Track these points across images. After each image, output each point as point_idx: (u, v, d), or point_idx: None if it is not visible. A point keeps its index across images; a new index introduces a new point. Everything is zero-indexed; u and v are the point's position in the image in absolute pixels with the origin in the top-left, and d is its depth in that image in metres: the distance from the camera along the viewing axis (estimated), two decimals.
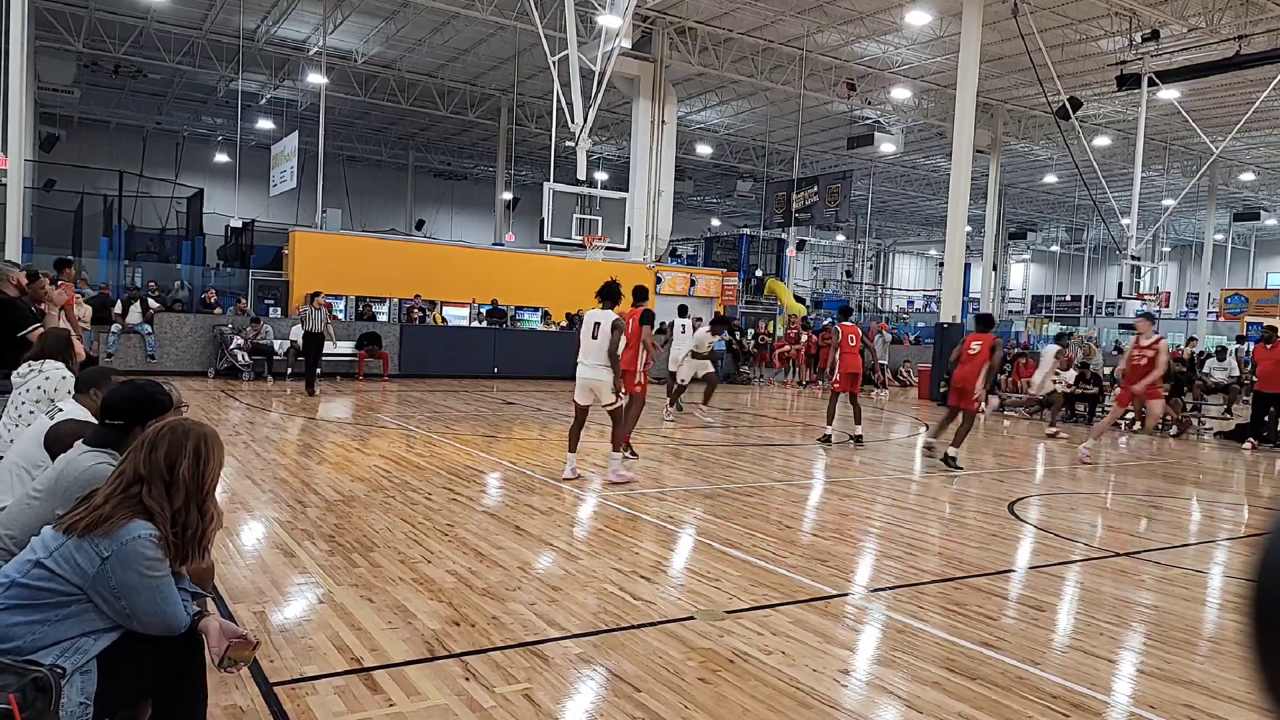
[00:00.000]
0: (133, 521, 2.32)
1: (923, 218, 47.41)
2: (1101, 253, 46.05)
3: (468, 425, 11.38)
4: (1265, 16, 18.35)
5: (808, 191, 29.50)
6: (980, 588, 5.17)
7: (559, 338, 19.85)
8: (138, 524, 2.32)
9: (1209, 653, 4.27)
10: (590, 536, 6.07)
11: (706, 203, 45.88)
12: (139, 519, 2.33)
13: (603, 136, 30.83)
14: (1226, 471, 11.03)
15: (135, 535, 2.30)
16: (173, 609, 2.35)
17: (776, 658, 3.87)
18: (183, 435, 2.46)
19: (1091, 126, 26.45)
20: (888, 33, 21.62)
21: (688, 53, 22.57)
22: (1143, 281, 23.19)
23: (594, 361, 7.68)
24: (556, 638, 4.00)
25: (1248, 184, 34.80)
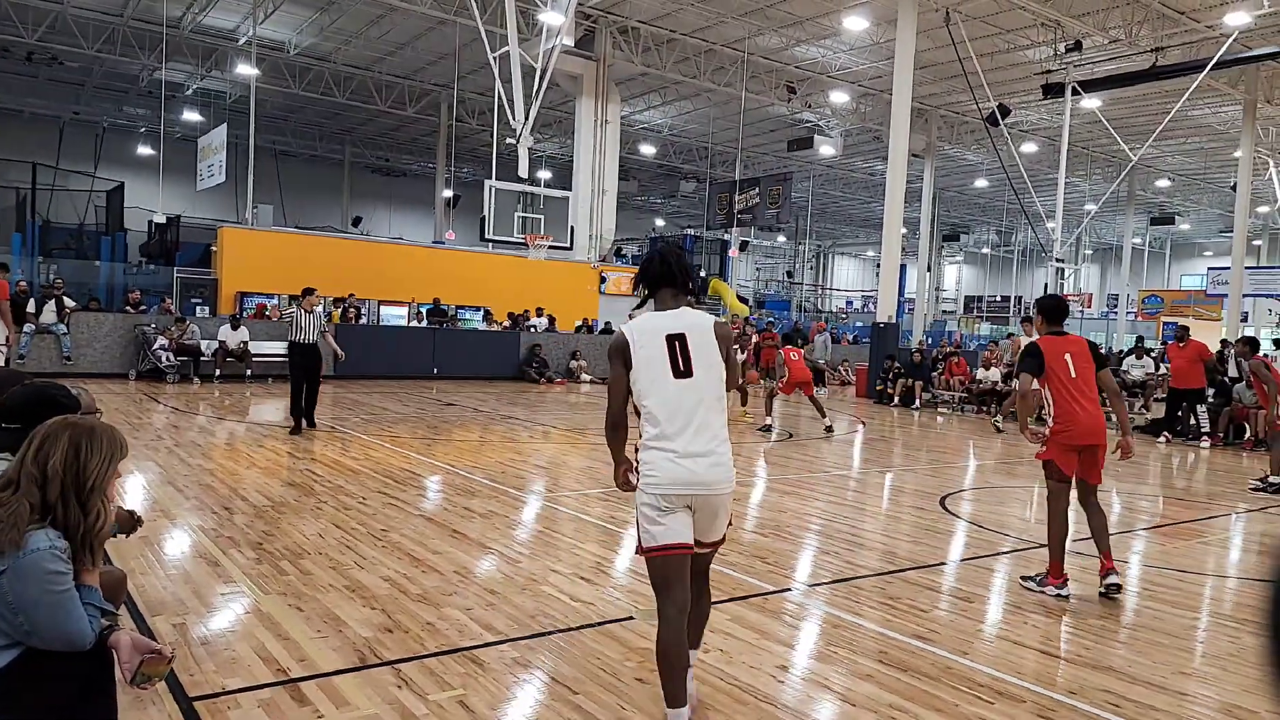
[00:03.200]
0: (35, 533, 2.19)
1: (861, 220, 48.29)
2: (1029, 255, 47.50)
3: (406, 427, 11.18)
4: (1180, 30, 19.15)
5: (749, 193, 29.78)
6: (913, 581, 5.27)
7: (501, 337, 19.68)
8: (39, 536, 2.20)
9: (1127, 639, 4.42)
10: (531, 539, 6.01)
11: (651, 203, 45.98)
12: (42, 530, 2.21)
13: (545, 134, 30.65)
14: (1143, 465, 11.46)
15: (36, 548, 2.18)
16: (76, 625, 2.23)
17: (714, 655, 3.88)
18: (59, 430, 2.34)
19: (1019, 133, 27.25)
20: (827, 37, 21.96)
21: (630, 52, 22.58)
22: (1067, 283, 23.99)
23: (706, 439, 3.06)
24: (493, 642, 3.94)
25: (1163, 190, 36.28)
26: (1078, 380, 4.99)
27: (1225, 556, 6.74)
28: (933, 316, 41.97)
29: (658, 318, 3.14)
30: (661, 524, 3.03)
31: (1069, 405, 4.95)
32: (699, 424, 3.02)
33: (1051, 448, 5.04)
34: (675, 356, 3.04)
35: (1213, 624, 4.87)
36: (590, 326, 22.01)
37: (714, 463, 3.04)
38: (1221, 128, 26.66)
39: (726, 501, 3.15)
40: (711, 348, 3.09)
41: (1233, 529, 7.66)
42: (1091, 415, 4.98)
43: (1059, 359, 4.98)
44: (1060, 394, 4.97)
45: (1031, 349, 5.06)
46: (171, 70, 24.92)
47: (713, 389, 3.07)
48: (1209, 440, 13.60)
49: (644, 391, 3.07)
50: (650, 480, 3.03)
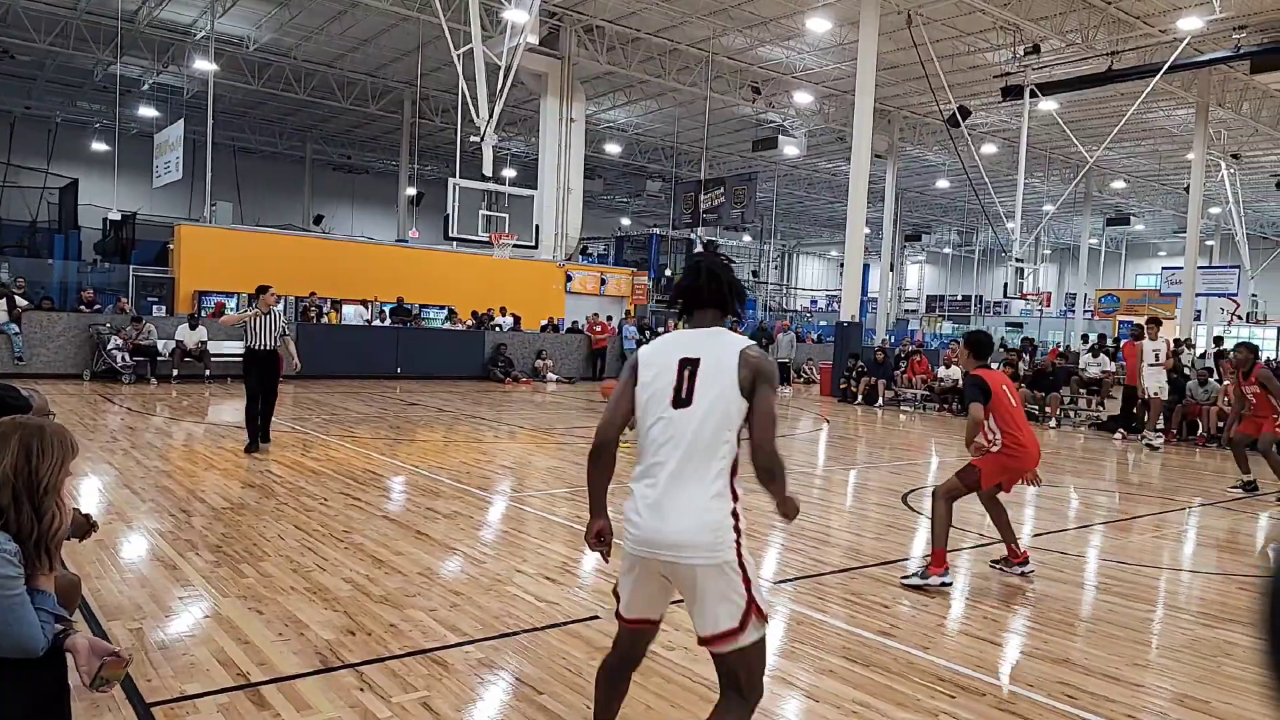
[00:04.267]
0: None
1: (825, 219, 48.67)
2: (990, 254, 48.27)
3: (368, 428, 11.06)
4: (1135, 34, 19.57)
5: (715, 192, 29.92)
6: (876, 577, 5.33)
7: (465, 337, 19.54)
8: None
9: (1084, 632, 4.51)
10: (496, 540, 5.98)
11: (617, 202, 45.94)
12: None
13: (510, 133, 30.47)
14: (1100, 460, 11.71)
15: None
16: (28, 629, 2.17)
17: (680, 653, 3.89)
18: (9, 431, 2.28)
19: (979, 134, 27.66)
20: (790, 38, 22.10)
21: (595, 51, 22.54)
22: (1026, 282, 24.40)
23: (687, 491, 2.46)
24: (457, 643, 3.92)
25: (1119, 191, 37.05)
26: (1018, 411, 5.26)
27: (1179, 550, 6.90)
28: (895, 315, 42.45)
29: (683, 335, 2.59)
30: (624, 586, 2.56)
31: (1017, 434, 5.16)
32: (680, 468, 2.41)
33: (992, 463, 5.17)
34: (681, 382, 2.45)
35: (1166, 616, 4.99)
36: (556, 326, 21.94)
37: (686, 524, 2.37)
38: (1175, 130, 27.29)
39: (710, 580, 2.38)
40: (728, 377, 2.42)
41: (1186, 523, 7.86)
42: (1036, 443, 5.30)
43: (999, 389, 5.17)
44: (1008, 423, 5.16)
45: (978, 381, 5.16)
46: (127, 65, 24.36)
47: (712, 427, 2.41)
48: (1163, 437, 13.91)
49: (640, 418, 2.54)
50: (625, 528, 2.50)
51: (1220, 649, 4.33)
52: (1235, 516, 8.13)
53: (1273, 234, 39.33)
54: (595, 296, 24.38)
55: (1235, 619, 4.88)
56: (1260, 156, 30.02)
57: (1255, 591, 5.25)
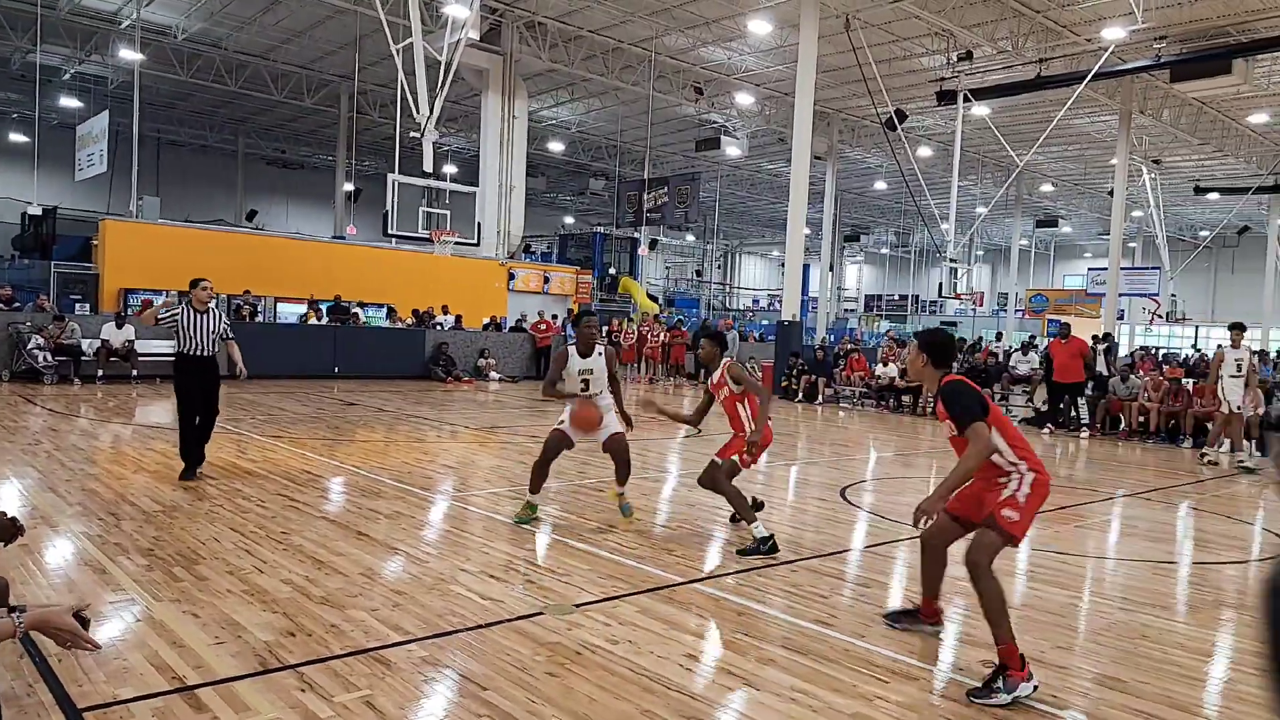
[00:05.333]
0: None
1: (767, 220, 49.25)
2: (925, 255, 49.45)
3: (306, 428, 10.85)
4: (1063, 43, 20.27)
5: (658, 191, 30.04)
6: (815, 569, 5.45)
7: (406, 335, 19.28)
8: None
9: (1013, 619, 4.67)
10: (439, 539, 5.94)
11: (560, 200, 45.78)
12: None
13: (451, 129, 30.14)
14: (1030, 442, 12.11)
15: None
16: None
17: (623, 647, 3.93)
18: None
19: (915, 137, 28.33)
20: (732, 39, 22.32)
21: (538, 48, 22.44)
22: (960, 282, 25.08)
23: None
24: (400, 642, 3.90)
25: (1048, 194, 38.31)
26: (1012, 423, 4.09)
27: (1103, 539, 7.20)
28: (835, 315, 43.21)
29: None
30: None
31: (1032, 456, 3.84)
32: None
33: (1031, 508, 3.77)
34: None
35: (1089, 602, 5.21)
36: (499, 324, 21.79)
37: None
38: (1100, 136, 28.33)
39: None
40: None
41: (1110, 513, 8.20)
42: None
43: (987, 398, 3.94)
44: (1017, 440, 3.84)
45: (965, 389, 3.84)
46: (47, 53, 23.41)
47: None
48: (1088, 431, 14.48)
49: None
50: None
51: (1138, 631, 4.55)
52: (1151, 507, 8.51)
53: (1191, 237, 41.11)
54: (539, 295, 24.29)
55: (1153, 603, 5.12)
56: (1179, 162, 31.37)
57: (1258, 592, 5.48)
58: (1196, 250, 36.44)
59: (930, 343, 4.03)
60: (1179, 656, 4.22)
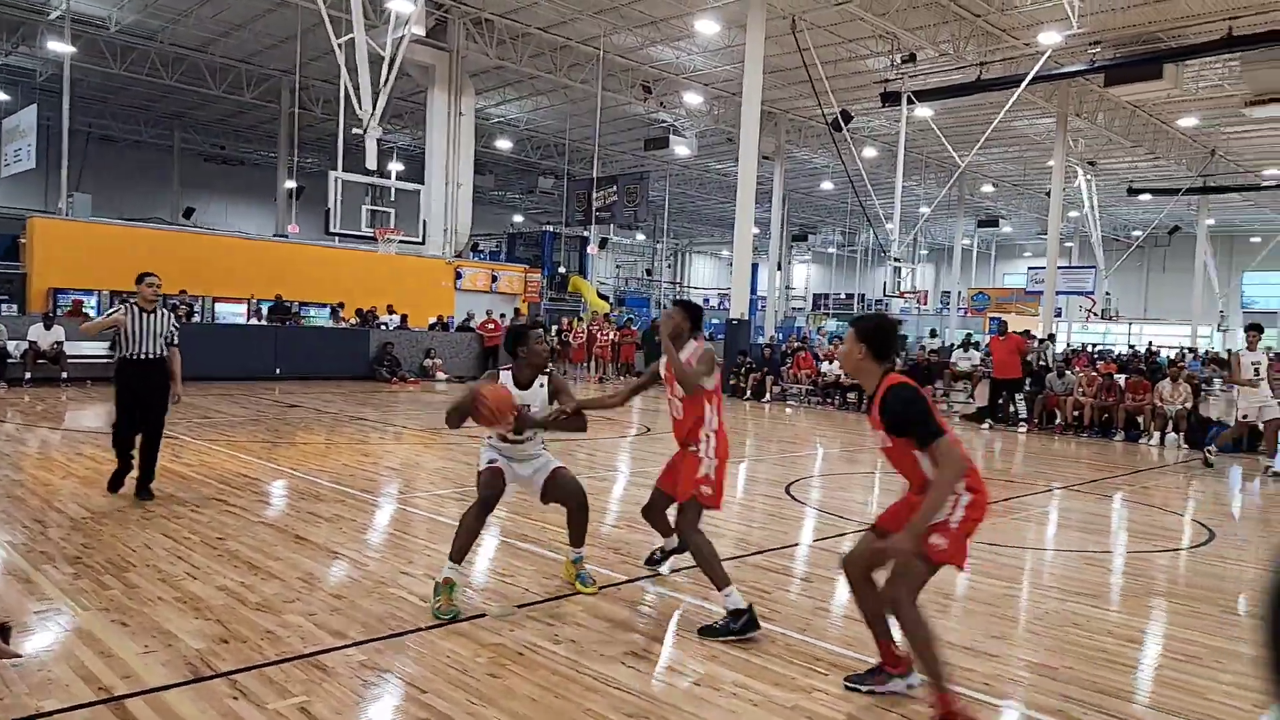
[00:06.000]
0: None
1: (716, 219, 49.54)
2: (871, 254, 50.24)
3: (244, 431, 10.60)
4: (1002, 46, 20.76)
5: (608, 190, 30.02)
6: (759, 565, 5.50)
7: (349, 335, 18.95)
8: None
9: (950, 609, 4.78)
10: (381, 542, 5.85)
11: (509, 198, 45.44)
12: None
13: (396, 125, 29.72)
14: (969, 449, 12.39)
15: None
16: None
17: (566, 647, 3.92)
18: None
19: (861, 138, 28.76)
20: (680, 39, 22.39)
21: (484, 44, 22.24)
22: (904, 281, 25.54)
23: None
24: (338, 646, 3.83)
25: (989, 195, 39.21)
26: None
27: (1038, 531, 7.40)
28: (783, 313, 43.65)
29: None
30: None
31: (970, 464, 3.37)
32: None
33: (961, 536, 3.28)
34: None
35: (1021, 591, 5.34)
36: (446, 324, 21.54)
37: None
38: (1038, 138, 29.07)
39: None
40: None
41: (1046, 505, 8.42)
42: None
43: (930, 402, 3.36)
44: None
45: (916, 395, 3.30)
46: None
47: None
48: (1025, 426, 14.86)
49: None
50: None
51: (1068, 620, 4.68)
52: (1085, 499, 8.76)
53: (1124, 236, 42.45)
54: (487, 294, 24.09)
55: (1085, 592, 5.27)
56: (1114, 164, 32.36)
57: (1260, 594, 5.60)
58: (1129, 250, 37.64)
59: (869, 331, 3.38)
60: (1108, 644, 4.34)
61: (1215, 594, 5.50)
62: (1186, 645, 4.40)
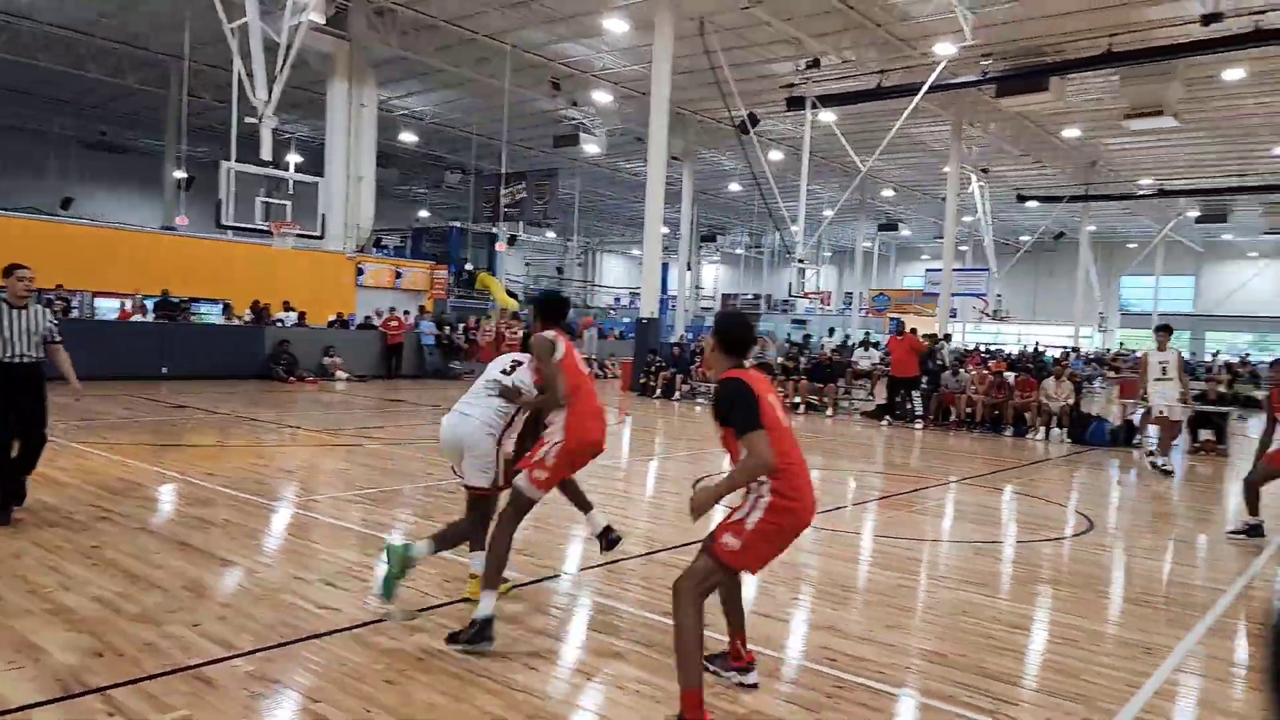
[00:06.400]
0: None
1: (627, 218, 49.68)
2: (777, 256, 51.28)
3: (127, 433, 10.03)
4: (901, 55, 21.47)
5: (516, 187, 29.67)
6: (667, 562, 5.51)
7: (242, 333, 18.17)
8: None
9: (848, 601, 4.90)
10: (275, 548, 5.62)
11: (414, 192, 44.44)
12: None
13: (295, 115, 28.65)
14: (869, 445, 12.78)
15: None
16: None
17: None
18: None
19: (767, 141, 29.30)
20: (590, 36, 22.31)
21: (387, 35, 21.66)
22: (808, 282, 26.16)
23: None
24: (224, 657, 3.65)
25: (889, 199, 40.58)
26: (790, 432, 3.37)
27: (933, 523, 7.67)
28: (693, 313, 44.10)
29: None
30: None
31: (792, 470, 3.27)
32: None
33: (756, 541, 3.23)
34: None
35: (915, 582, 5.52)
36: (346, 321, 20.89)
37: None
38: (935, 145, 30.21)
39: None
40: None
41: (941, 499, 8.74)
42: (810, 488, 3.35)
43: (766, 401, 3.30)
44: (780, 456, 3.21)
45: (742, 388, 3.27)
46: None
47: None
48: (922, 422, 15.42)
49: None
50: None
51: (959, 608, 4.86)
52: (977, 492, 9.14)
53: (1014, 241, 44.58)
54: (390, 290, 23.50)
55: (974, 581, 5.49)
56: (1005, 172, 33.92)
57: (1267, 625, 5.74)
58: (1019, 254, 39.55)
59: (720, 326, 3.50)
60: (996, 630, 4.53)
61: (1093, 580, 5.80)
62: (1066, 629, 4.63)
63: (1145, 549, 6.91)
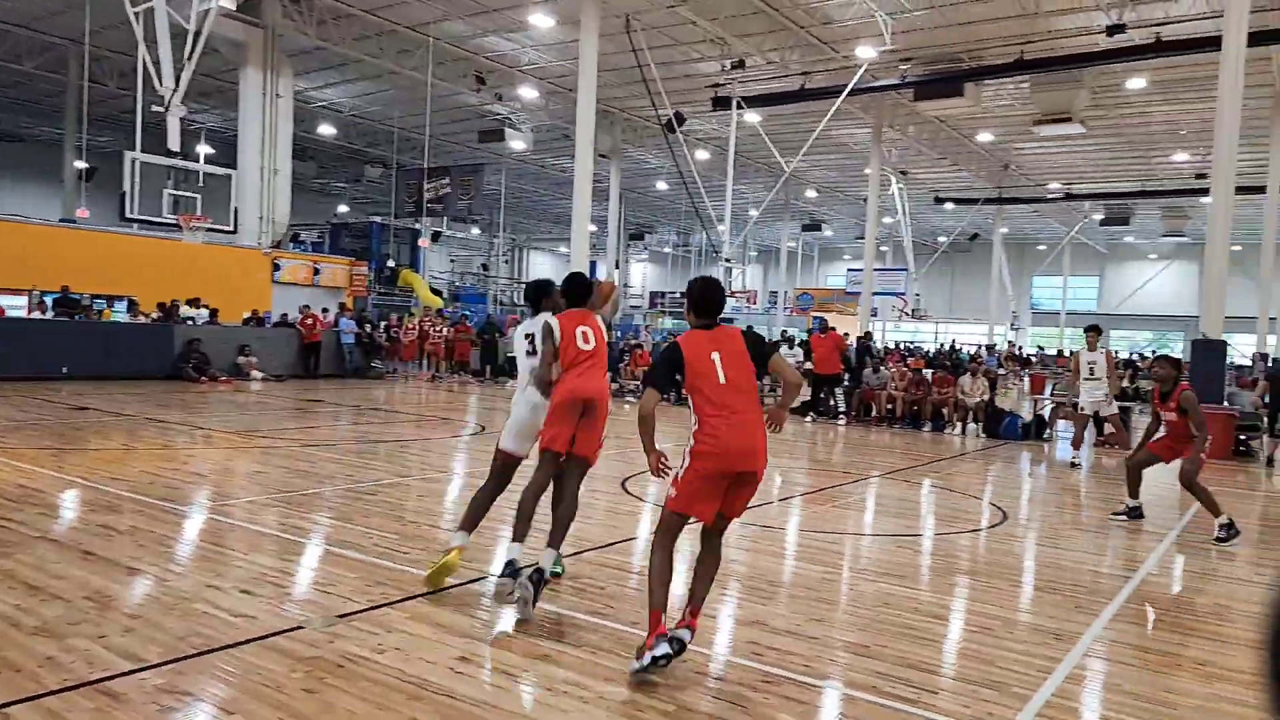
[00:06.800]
0: None
1: (555, 215, 49.36)
2: (704, 255, 51.73)
3: (22, 437, 9.48)
4: (824, 58, 21.89)
5: (440, 181, 29.21)
6: (593, 561, 5.50)
7: (150, 331, 17.38)
8: None
9: (771, 595, 4.96)
10: (186, 555, 5.37)
11: (333, 187, 43.28)
12: None
13: (205, 105, 27.56)
14: (792, 442, 12.98)
15: None
16: None
17: (390, 655, 3.74)
18: None
19: (694, 140, 29.50)
20: (515, 31, 22.09)
21: (303, 23, 21.03)
22: (735, 281, 26.44)
23: None
24: (132, 670, 3.47)
25: (813, 200, 41.36)
26: (728, 387, 3.81)
27: (858, 517, 7.83)
28: (622, 311, 44.13)
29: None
30: None
31: (713, 420, 3.80)
32: None
33: (686, 484, 3.88)
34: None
35: (840, 575, 5.63)
36: (261, 319, 20.18)
37: None
38: (856, 147, 30.91)
39: None
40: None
41: (863, 493, 8.93)
42: (747, 434, 3.80)
43: (704, 360, 3.83)
44: (704, 408, 3.83)
45: (668, 351, 3.94)
46: None
47: None
48: (845, 419, 15.76)
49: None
50: None
51: (881, 600, 4.97)
52: (898, 486, 9.38)
53: (932, 241, 45.95)
54: (308, 287, 22.84)
55: (894, 573, 5.62)
56: (923, 174, 34.92)
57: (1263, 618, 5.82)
58: (936, 255, 40.79)
59: (687, 289, 4.00)
60: (916, 620, 4.64)
61: (1007, 570, 6.01)
62: (982, 618, 4.78)
63: (1055, 539, 7.19)
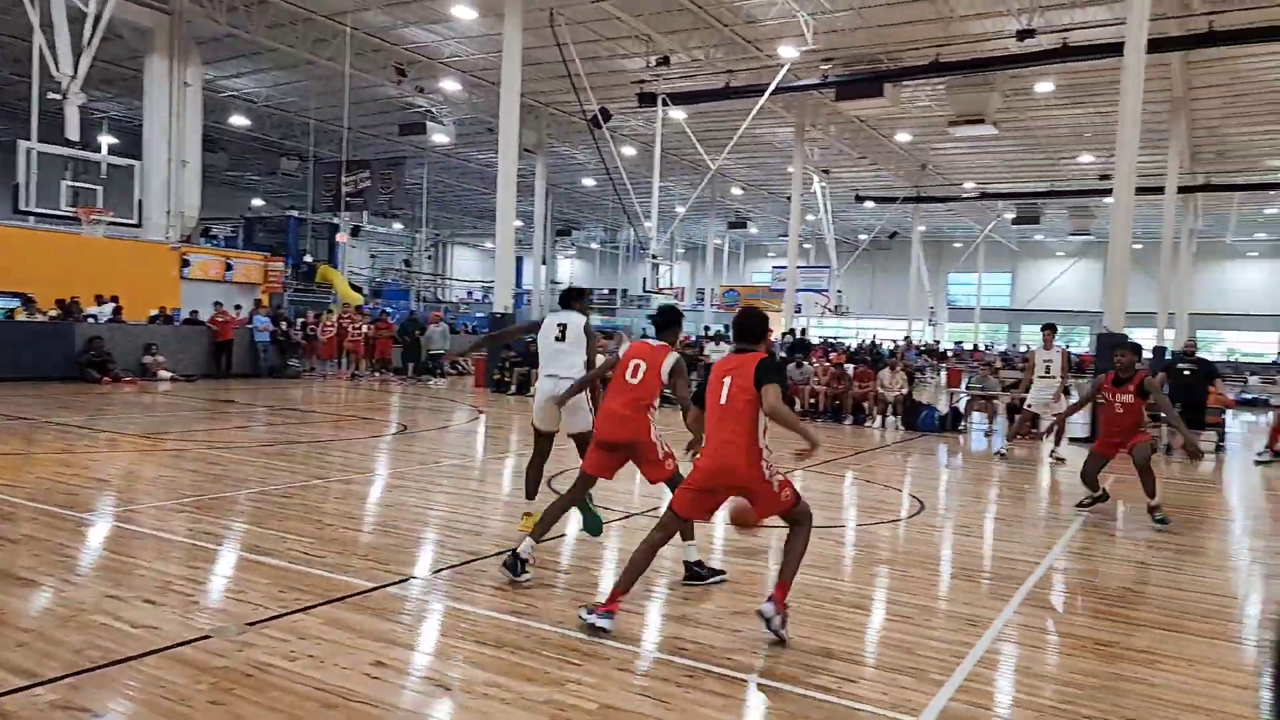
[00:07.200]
0: None
1: (479, 210, 48.71)
2: (632, 251, 51.81)
3: None
4: (748, 57, 22.11)
5: (359, 175, 28.53)
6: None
7: (47, 330, 16.46)
8: None
9: (698, 591, 4.97)
10: (85, 564, 5.09)
11: (246, 179, 41.80)
12: None
13: (108, 93, 26.27)
14: None
15: None
16: None
17: (303, 663, 3.61)
18: None
19: (620, 137, 29.47)
20: (436, 22, 21.67)
21: (212, 9, 20.20)
22: (662, 278, 26.55)
23: None
24: (22, 687, 3.27)
25: (738, 197, 41.81)
26: (725, 409, 4.30)
27: None
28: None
29: None
30: None
31: (707, 437, 4.43)
32: None
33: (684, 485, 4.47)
34: None
35: (762, 568, 5.68)
36: (169, 316, 19.32)
37: None
38: (780, 146, 31.33)
39: None
40: None
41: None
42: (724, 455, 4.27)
43: (716, 381, 4.40)
44: (707, 424, 4.45)
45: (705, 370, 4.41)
46: None
47: None
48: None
49: None
50: None
51: (802, 591, 5.00)
52: (821, 479, 9.55)
53: (853, 239, 46.96)
54: (220, 283, 22.00)
55: (816, 565, 5.69)
56: (844, 173, 35.65)
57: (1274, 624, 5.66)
58: (857, 252, 41.71)
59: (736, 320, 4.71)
60: (838, 611, 4.71)
61: (924, 559, 6.17)
62: (901, 607, 4.88)
63: (969, 527, 7.41)
